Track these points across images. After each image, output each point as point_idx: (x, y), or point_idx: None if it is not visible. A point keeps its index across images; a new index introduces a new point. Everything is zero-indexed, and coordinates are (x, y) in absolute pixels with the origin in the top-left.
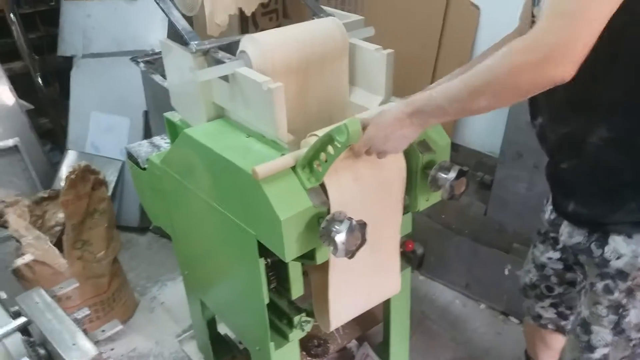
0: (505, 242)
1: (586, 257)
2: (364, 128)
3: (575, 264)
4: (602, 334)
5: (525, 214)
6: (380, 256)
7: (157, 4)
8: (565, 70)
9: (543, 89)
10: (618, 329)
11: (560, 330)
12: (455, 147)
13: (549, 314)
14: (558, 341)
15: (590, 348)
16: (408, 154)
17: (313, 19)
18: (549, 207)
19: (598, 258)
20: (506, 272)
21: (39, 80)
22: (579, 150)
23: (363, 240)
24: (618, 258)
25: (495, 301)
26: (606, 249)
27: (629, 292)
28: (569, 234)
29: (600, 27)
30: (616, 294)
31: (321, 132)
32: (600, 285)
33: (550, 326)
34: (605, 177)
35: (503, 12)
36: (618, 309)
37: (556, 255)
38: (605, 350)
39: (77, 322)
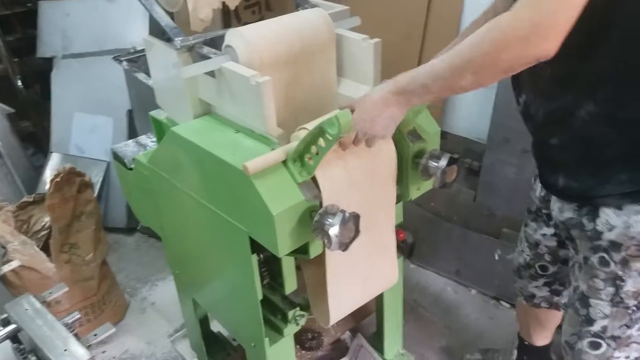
0: (495, 227)
1: (578, 231)
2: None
3: (568, 239)
4: (601, 307)
5: (514, 198)
6: (376, 247)
7: (139, 1)
8: (548, 46)
9: (526, 66)
10: (616, 299)
11: (553, 306)
12: (443, 135)
13: (543, 292)
14: (552, 318)
15: (590, 321)
16: (398, 144)
17: (297, 10)
18: (538, 185)
19: (590, 231)
20: (496, 257)
21: (19, 82)
22: (568, 125)
23: (357, 232)
24: (610, 230)
25: (486, 286)
26: (597, 221)
27: (624, 263)
28: (559, 210)
29: (584, 1)
30: (612, 266)
31: (311, 125)
32: (595, 259)
33: (543, 304)
34: (595, 150)
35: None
36: (615, 280)
37: (550, 231)
38: (604, 322)
39: (68, 326)
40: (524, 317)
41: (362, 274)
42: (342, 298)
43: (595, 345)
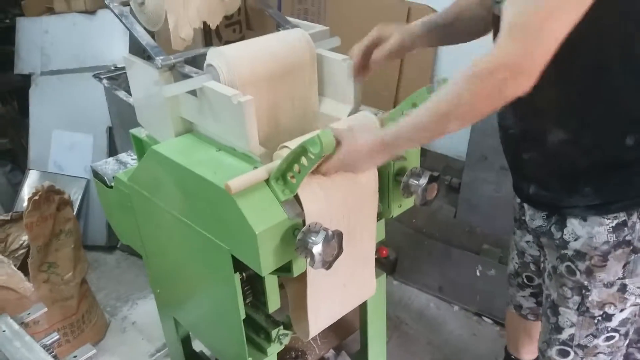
0: (476, 244)
1: (547, 239)
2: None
3: (539, 246)
4: (568, 315)
5: (493, 215)
6: (357, 262)
7: (120, 20)
8: (526, 85)
9: (507, 103)
10: (582, 308)
11: (539, 318)
12: (423, 152)
13: (529, 303)
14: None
15: (559, 329)
16: None
17: (278, 30)
18: None
19: (558, 240)
20: (477, 273)
21: None
22: (540, 144)
23: (340, 250)
24: (576, 240)
25: (469, 302)
26: (565, 231)
27: (589, 273)
28: (530, 217)
29: (559, 41)
30: (578, 275)
31: (293, 144)
32: (562, 268)
33: (530, 317)
34: (564, 167)
35: None
36: (581, 289)
37: (530, 237)
38: (571, 331)
39: (47, 348)
40: (513, 329)
41: (341, 287)
42: (322, 311)
43: (564, 354)
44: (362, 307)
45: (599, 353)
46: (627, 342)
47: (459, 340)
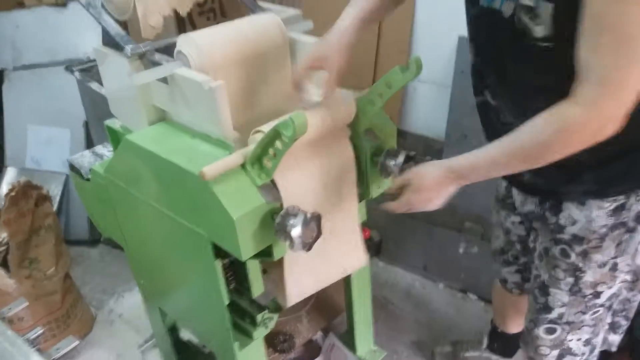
0: (458, 222)
1: (541, 223)
2: (404, 185)
3: (530, 229)
4: (559, 296)
5: (474, 193)
6: (339, 238)
7: (87, 10)
8: (616, 128)
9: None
10: (574, 289)
11: (525, 292)
12: (402, 134)
13: (515, 278)
14: (527, 304)
15: (548, 309)
16: (356, 144)
17: (250, 15)
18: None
19: (553, 224)
20: (460, 251)
21: None
22: None
23: (319, 233)
24: (573, 224)
25: (453, 280)
26: (561, 216)
27: (584, 255)
28: (521, 202)
29: None
30: (573, 258)
31: (266, 128)
32: (556, 250)
33: (515, 290)
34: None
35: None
36: (575, 271)
37: (517, 218)
38: (562, 310)
39: (31, 342)
40: (500, 302)
41: (323, 259)
42: (301, 281)
43: (551, 331)
44: (347, 289)
45: (584, 326)
46: (610, 312)
47: (445, 318)
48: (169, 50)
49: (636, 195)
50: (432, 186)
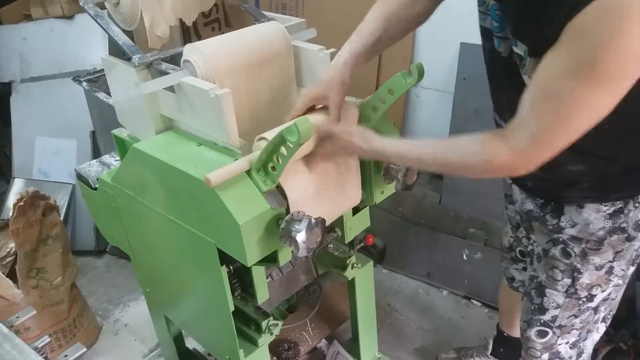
0: (461, 228)
1: (539, 224)
2: (327, 136)
3: (527, 228)
4: (555, 297)
5: (477, 198)
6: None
7: (96, 21)
8: (526, 172)
9: None
10: (570, 290)
11: None
12: None
13: (522, 276)
14: None
15: (542, 310)
16: None
17: (255, 24)
18: None
19: (553, 226)
20: (464, 257)
21: None
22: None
23: (323, 237)
24: (573, 226)
25: (457, 287)
26: (562, 218)
27: (583, 256)
28: (522, 201)
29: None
30: (572, 257)
31: (270, 134)
32: (556, 251)
33: (521, 289)
34: (564, 171)
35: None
36: (573, 272)
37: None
38: (555, 312)
39: (38, 350)
40: (507, 304)
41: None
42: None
43: (542, 334)
44: (352, 296)
45: (573, 329)
46: (597, 316)
47: (449, 324)
48: (174, 60)
49: (634, 201)
50: (348, 148)
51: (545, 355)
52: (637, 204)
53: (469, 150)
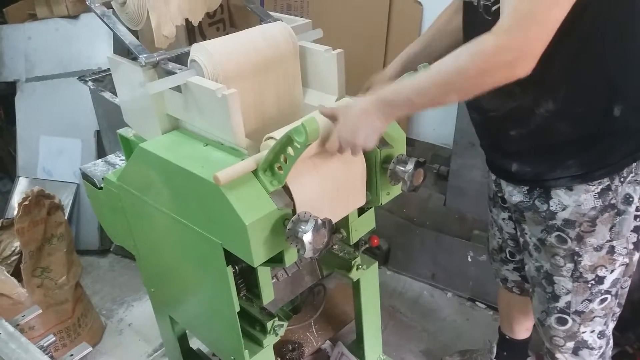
0: (466, 230)
1: (532, 213)
2: (332, 118)
3: (518, 221)
4: (563, 283)
5: (482, 200)
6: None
7: (102, 20)
8: (529, 66)
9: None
10: (576, 274)
11: (524, 293)
12: (411, 142)
13: (514, 276)
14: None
15: (555, 297)
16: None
17: (261, 24)
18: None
19: (545, 212)
20: (469, 259)
21: None
22: (526, 121)
23: (330, 238)
24: (564, 209)
25: (461, 289)
26: (551, 202)
27: (579, 239)
28: (509, 193)
29: (558, 25)
30: (569, 243)
31: (278, 134)
32: (552, 238)
33: (515, 290)
34: (550, 140)
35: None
36: (573, 256)
37: (506, 215)
38: (568, 298)
39: (43, 349)
40: (506, 307)
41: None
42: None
43: (562, 321)
44: (356, 298)
45: (595, 317)
46: (617, 301)
47: (453, 326)
48: (180, 60)
49: (619, 176)
50: (357, 114)
51: (570, 344)
52: (622, 179)
53: (456, 53)
